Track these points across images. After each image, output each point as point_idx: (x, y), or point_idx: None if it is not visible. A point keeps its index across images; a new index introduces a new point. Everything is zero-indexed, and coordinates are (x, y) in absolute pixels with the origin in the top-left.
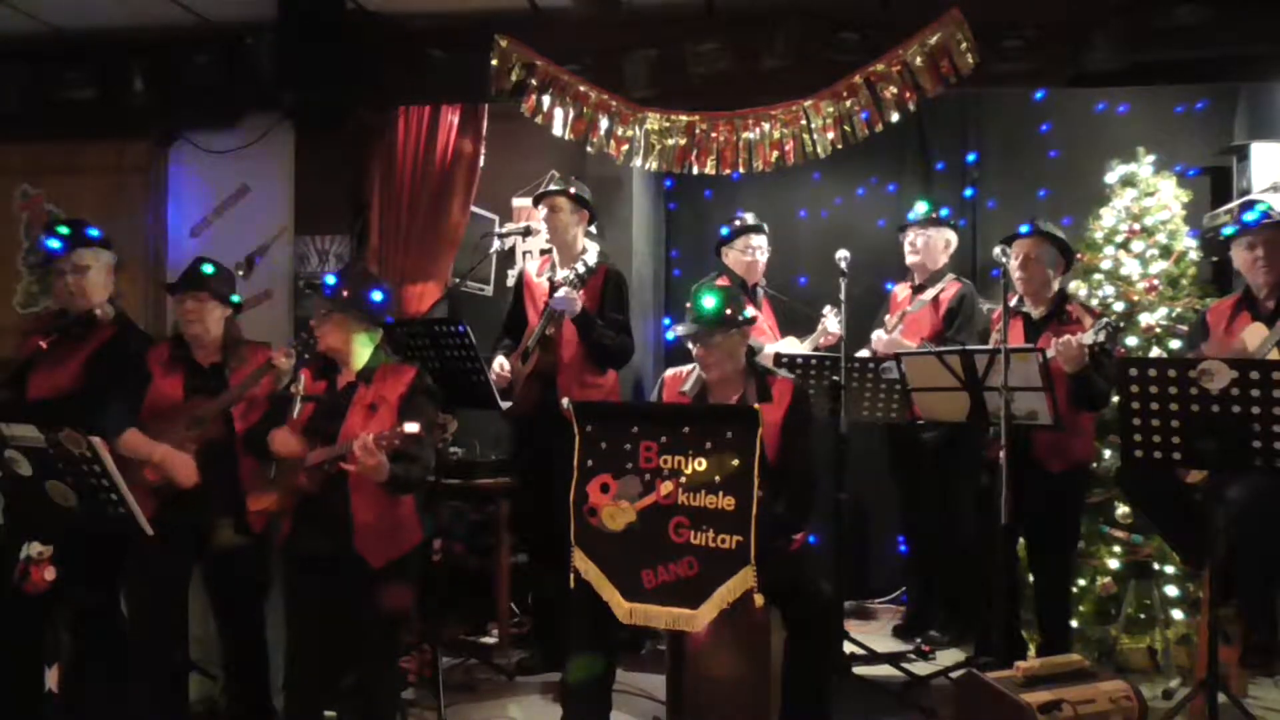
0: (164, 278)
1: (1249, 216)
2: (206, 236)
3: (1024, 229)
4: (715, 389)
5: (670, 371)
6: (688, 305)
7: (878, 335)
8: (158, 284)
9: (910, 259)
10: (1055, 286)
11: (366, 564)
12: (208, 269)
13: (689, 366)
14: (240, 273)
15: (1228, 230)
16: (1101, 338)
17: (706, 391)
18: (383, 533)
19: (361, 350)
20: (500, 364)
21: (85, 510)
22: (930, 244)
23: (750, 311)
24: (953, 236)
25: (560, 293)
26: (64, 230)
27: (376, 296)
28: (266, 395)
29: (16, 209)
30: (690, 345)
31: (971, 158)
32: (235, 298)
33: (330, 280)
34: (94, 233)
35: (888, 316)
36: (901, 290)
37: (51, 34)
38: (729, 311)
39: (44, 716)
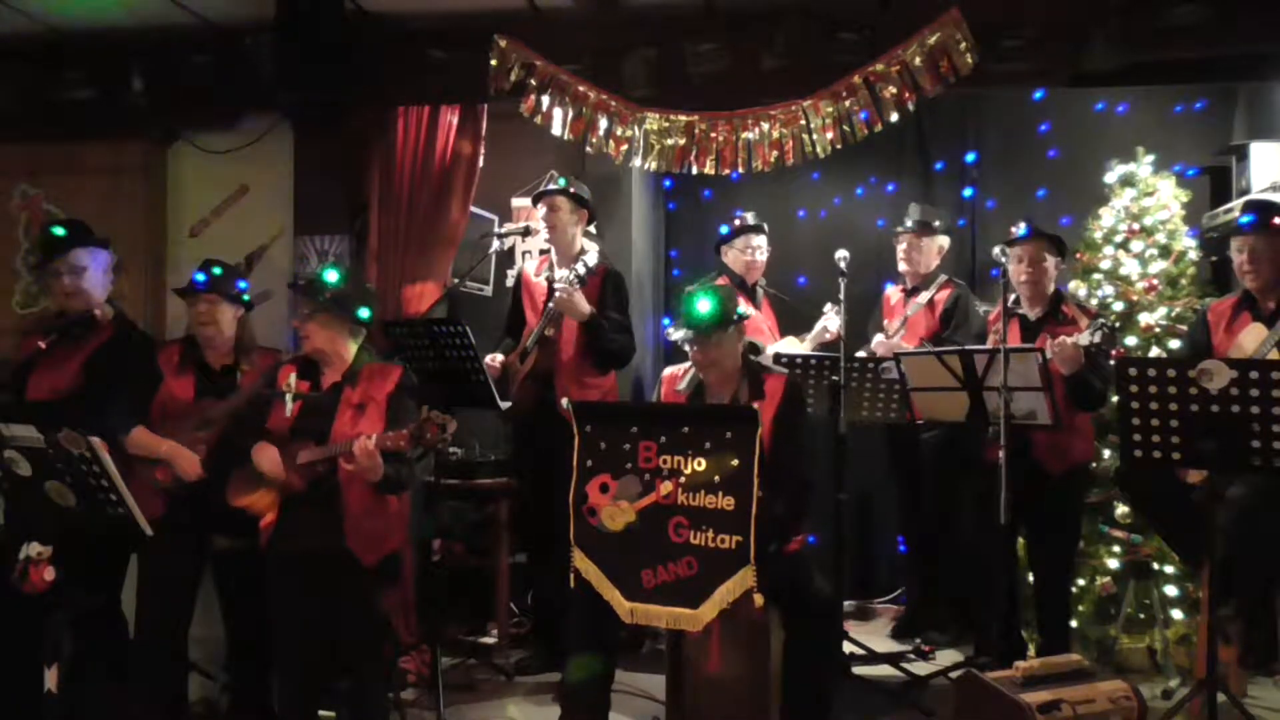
0: (164, 278)
1: (1244, 219)
2: (206, 237)
3: (1023, 232)
4: (711, 387)
5: (668, 370)
6: (682, 308)
7: (879, 339)
8: (158, 284)
9: (902, 266)
10: (1052, 287)
11: (356, 561)
12: (217, 270)
13: (685, 365)
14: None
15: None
16: (1098, 339)
17: (703, 389)
18: (374, 530)
19: (347, 351)
20: (491, 356)
21: (84, 510)
22: (924, 250)
23: (745, 309)
24: (945, 241)
25: (558, 292)
26: (59, 231)
27: (362, 301)
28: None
29: (16, 209)
30: (687, 347)
31: (971, 158)
32: (245, 296)
33: (314, 280)
34: (89, 233)
35: (885, 321)
36: (894, 293)
37: (51, 34)
38: (724, 312)
39: (44, 716)
